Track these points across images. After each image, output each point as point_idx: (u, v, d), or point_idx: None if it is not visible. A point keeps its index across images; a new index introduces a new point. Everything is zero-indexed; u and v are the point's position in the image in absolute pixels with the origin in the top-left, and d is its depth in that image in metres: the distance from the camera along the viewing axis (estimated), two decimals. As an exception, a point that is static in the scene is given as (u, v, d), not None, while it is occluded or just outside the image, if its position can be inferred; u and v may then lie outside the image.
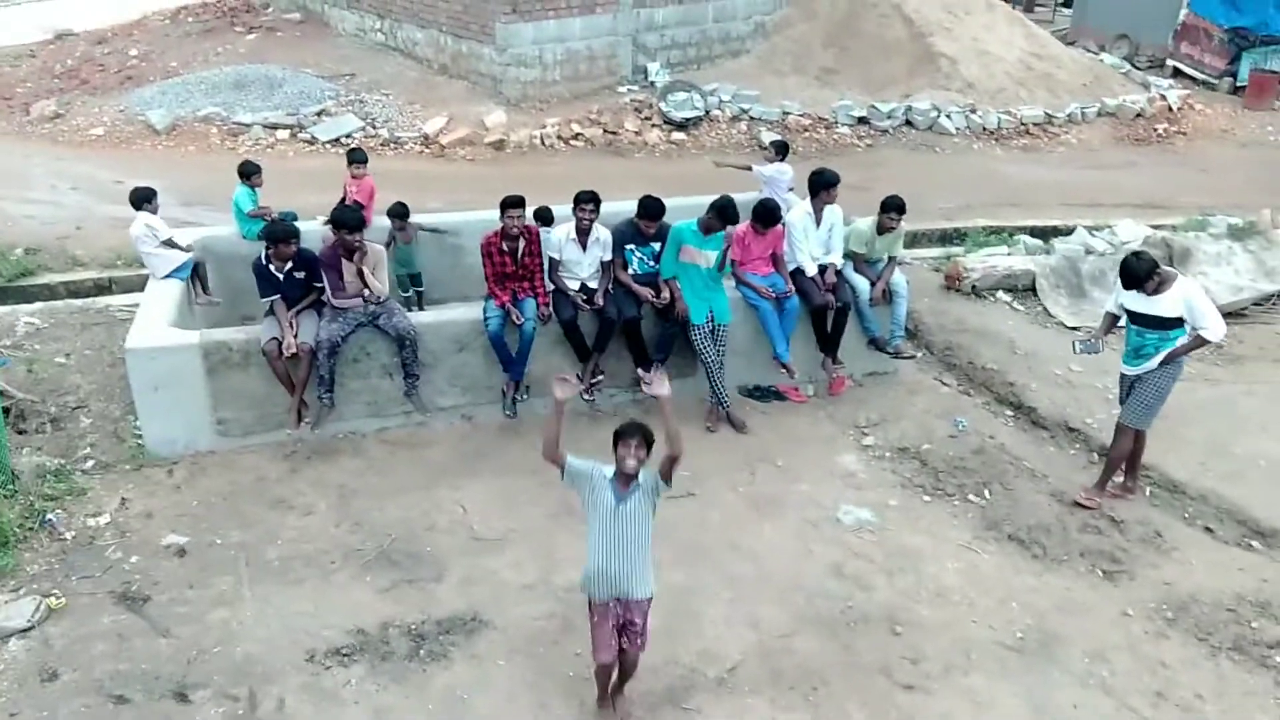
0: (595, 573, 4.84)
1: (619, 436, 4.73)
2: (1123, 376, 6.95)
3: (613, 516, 4.78)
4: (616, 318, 7.71)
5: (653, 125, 16.21)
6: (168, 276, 8.05)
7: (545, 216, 8.46)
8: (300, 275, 7.40)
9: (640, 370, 7.94)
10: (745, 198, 8.41)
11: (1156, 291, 6.53)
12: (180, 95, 16.35)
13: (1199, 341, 6.62)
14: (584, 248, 7.78)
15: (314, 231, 8.34)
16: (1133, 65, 20.52)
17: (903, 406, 8.21)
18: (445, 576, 6.20)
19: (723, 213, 7.57)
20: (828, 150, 15.66)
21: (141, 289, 8.27)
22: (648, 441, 4.71)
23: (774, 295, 7.96)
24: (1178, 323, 6.53)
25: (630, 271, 7.92)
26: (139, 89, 16.91)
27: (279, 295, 7.35)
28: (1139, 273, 6.49)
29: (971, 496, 7.08)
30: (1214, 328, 6.54)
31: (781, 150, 10.19)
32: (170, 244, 8.09)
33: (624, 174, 13.89)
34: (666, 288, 7.79)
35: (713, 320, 7.77)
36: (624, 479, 4.77)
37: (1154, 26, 21.12)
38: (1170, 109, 18.06)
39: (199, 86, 16.60)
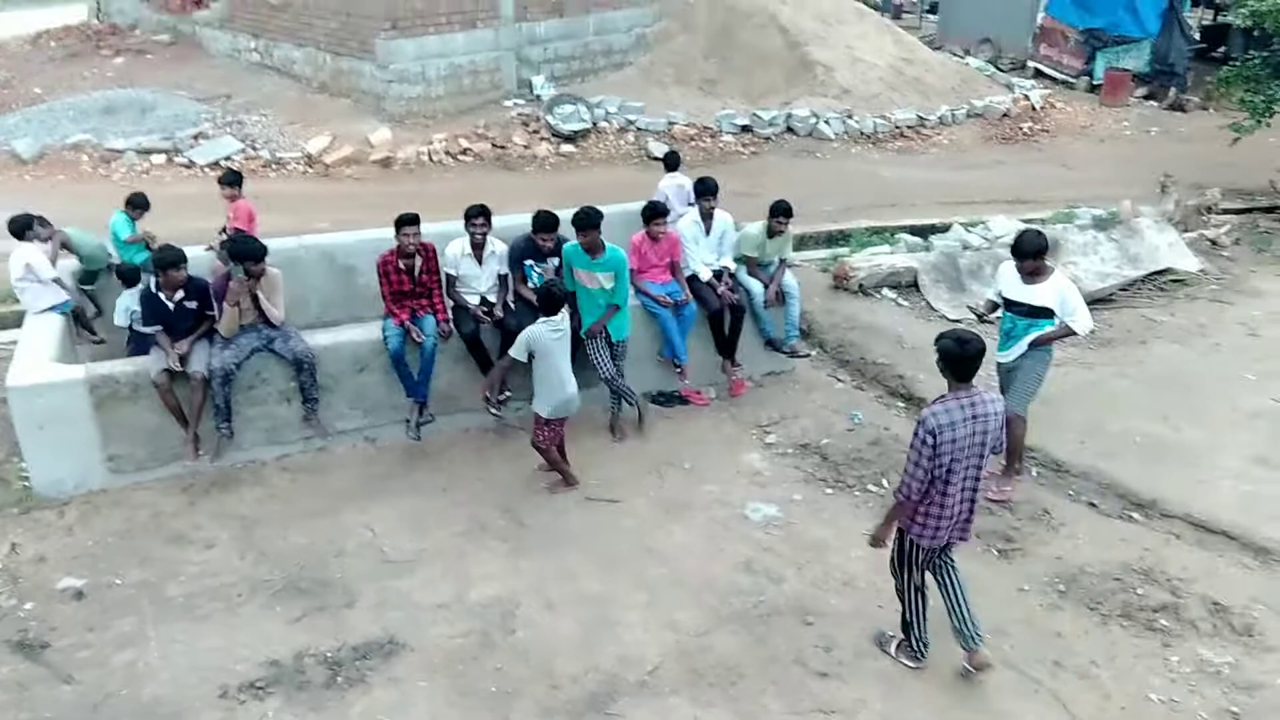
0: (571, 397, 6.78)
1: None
2: (998, 365, 7.28)
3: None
4: (518, 330, 7.71)
5: (541, 138, 16.29)
6: (46, 310, 7.74)
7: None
8: (192, 305, 7.22)
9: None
10: (635, 206, 8.54)
11: (1034, 278, 6.86)
12: (47, 123, 15.75)
13: (1066, 332, 6.94)
14: (480, 261, 7.79)
15: (200, 259, 8.13)
16: (996, 68, 21.49)
17: (801, 404, 8.44)
18: (357, 601, 6.12)
19: (577, 223, 7.51)
20: (714, 158, 15.96)
21: (18, 325, 7.94)
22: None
23: (672, 303, 8.09)
24: (1048, 313, 6.87)
25: (530, 285, 7.95)
26: (1, 117, 16.20)
27: (161, 326, 7.15)
28: (1030, 247, 6.75)
29: (871, 487, 7.32)
30: (1082, 321, 6.87)
31: (672, 164, 10.28)
32: (58, 283, 7.79)
33: (515, 188, 13.92)
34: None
35: (608, 335, 7.80)
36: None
37: (1014, 30, 22.17)
38: (1034, 108, 18.97)
39: (66, 113, 16.03)
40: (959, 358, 5.00)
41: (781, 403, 8.44)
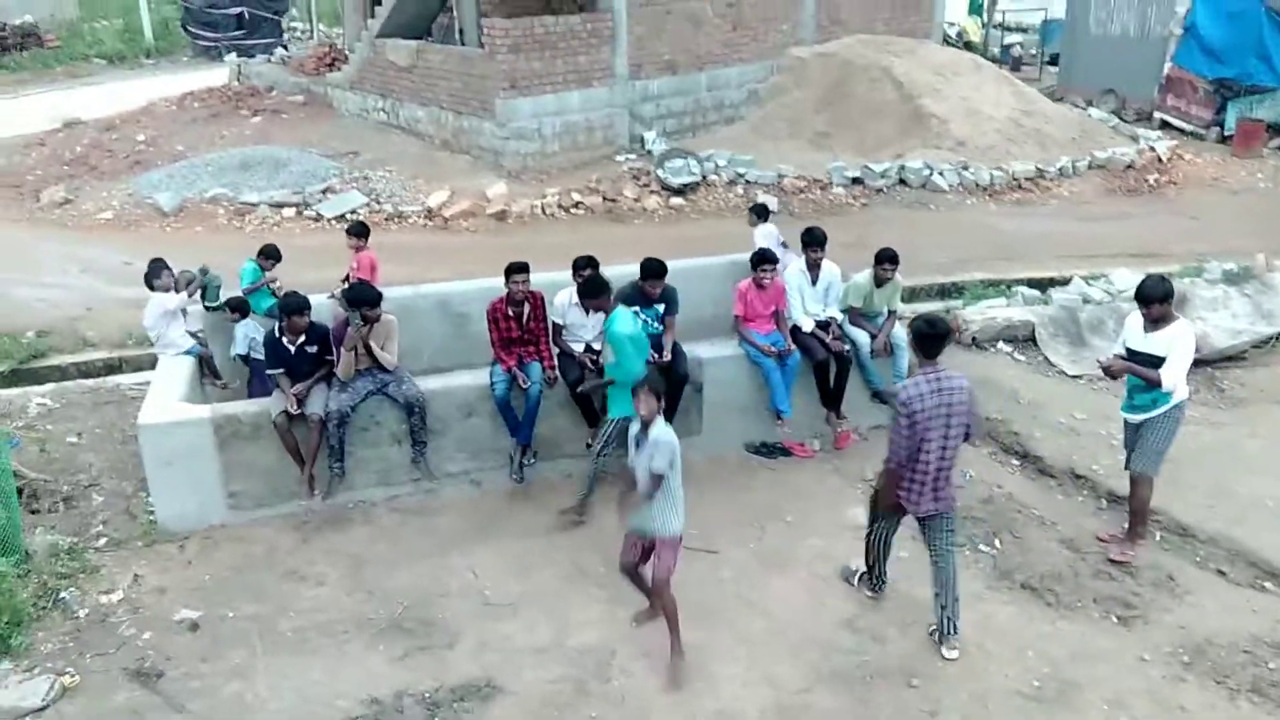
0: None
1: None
2: (1125, 423, 6.99)
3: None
4: (622, 379, 7.78)
5: (651, 192, 16.48)
6: (178, 354, 8.16)
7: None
8: (312, 349, 7.51)
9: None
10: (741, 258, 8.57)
11: (1156, 326, 6.58)
12: (187, 178, 16.69)
13: (1154, 378, 6.54)
14: (587, 311, 7.89)
15: (323, 306, 8.47)
16: (1120, 119, 20.88)
17: (909, 459, 8.23)
18: (458, 643, 6.19)
19: (584, 290, 7.42)
20: (824, 210, 15.89)
21: (152, 367, 8.38)
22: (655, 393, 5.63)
23: (776, 352, 8.04)
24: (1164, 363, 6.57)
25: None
26: (146, 173, 17.25)
27: (283, 369, 7.45)
28: (1156, 292, 6.49)
29: (982, 546, 7.08)
30: (1168, 375, 6.47)
31: (761, 214, 10.19)
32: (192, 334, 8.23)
33: (624, 239, 14.10)
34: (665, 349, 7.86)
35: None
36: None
37: (1139, 81, 21.52)
38: (1160, 159, 18.33)
39: (205, 169, 16.96)
40: (927, 336, 5.68)
41: (888, 457, 8.26)
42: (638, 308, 7.99)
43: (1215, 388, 9.43)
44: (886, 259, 8.25)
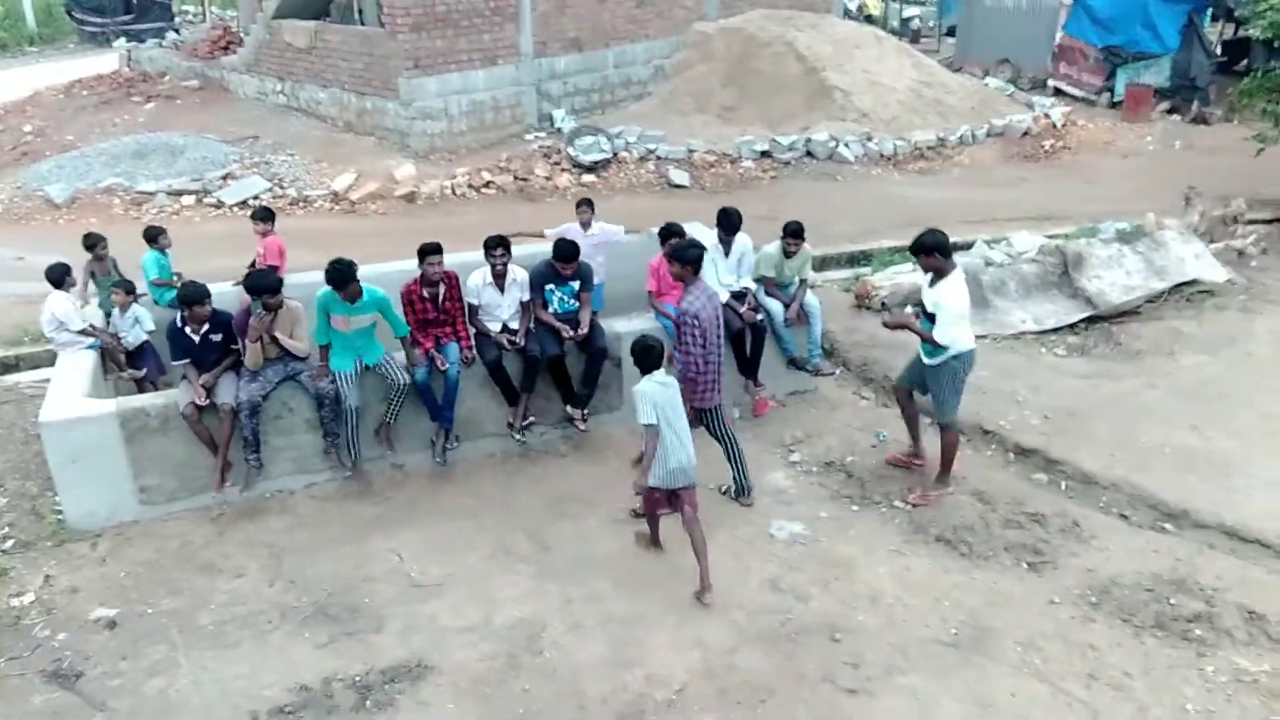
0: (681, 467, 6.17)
1: None
2: (925, 368, 7.29)
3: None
4: (540, 356, 7.79)
5: (562, 170, 16.42)
6: (80, 349, 7.89)
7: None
8: (217, 338, 7.32)
9: (567, 406, 8.04)
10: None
11: (935, 279, 6.97)
12: (79, 168, 16.08)
13: (927, 335, 6.97)
14: (502, 290, 7.86)
15: (229, 294, 8.26)
16: (1016, 88, 21.46)
17: (825, 422, 8.42)
18: (385, 626, 6.15)
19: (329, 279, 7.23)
20: (734, 184, 16.03)
21: (50, 364, 8.09)
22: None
23: (692, 323, 8.10)
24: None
25: (550, 310, 8.02)
26: (35, 164, 16.58)
27: (189, 360, 7.27)
28: (920, 243, 6.92)
29: (897, 503, 7.27)
30: (939, 333, 6.87)
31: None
32: (86, 333, 7.92)
33: (537, 218, 13.97)
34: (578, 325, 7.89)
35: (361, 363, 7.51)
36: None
37: (1033, 50, 22.15)
38: (1055, 126, 18.91)
39: (98, 158, 16.35)
40: (692, 249, 6.79)
41: (805, 421, 8.42)
42: (552, 285, 8.01)
43: (1113, 342, 9.80)
44: (791, 233, 8.37)
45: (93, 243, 8.64)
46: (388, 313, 7.51)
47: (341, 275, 7.18)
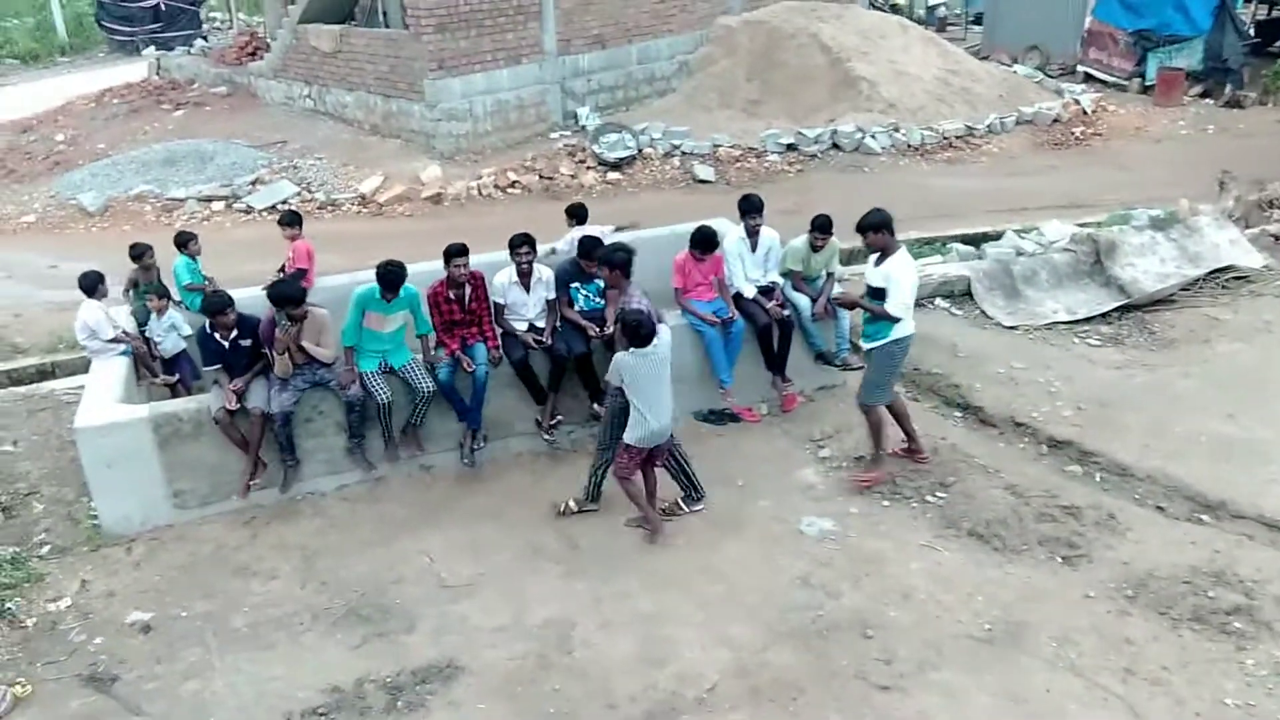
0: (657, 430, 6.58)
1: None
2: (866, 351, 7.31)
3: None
4: (567, 354, 7.79)
5: (588, 167, 16.42)
6: (113, 356, 7.98)
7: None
8: (246, 343, 7.38)
9: (595, 404, 8.03)
10: (683, 229, 8.58)
11: (880, 259, 7.00)
12: (111, 176, 16.29)
13: (880, 310, 6.97)
14: (527, 289, 7.87)
15: (258, 298, 8.31)
16: (1045, 74, 21.21)
17: (855, 417, 8.27)
18: (416, 627, 6.18)
19: (382, 280, 7.31)
20: (760, 178, 15.96)
21: (85, 371, 8.20)
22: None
23: (719, 321, 8.09)
24: (884, 294, 6.96)
25: (576, 309, 8.02)
26: (68, 173, 16.82)
27: (220, 365, 7.34)
28: (862, 222, 7.01)
29: (929, 497, 7.21)
30: (892, 308, 6.92)
31: (577, 216, 9.29)
32: (117, 340, 8.01)
33: (563, 217, 14.01)
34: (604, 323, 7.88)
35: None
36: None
37: (1062, 36, 21.87)
38: (1085, 112, 18.66)
39: (129, 166, 16.55)
40: (619, 253, 7.01)
41: (834, 416, 8.36)
42: (577, 283, 8.02)
43: (1146, 330, 9.66)
44: (818, 227, 8.32)
45: (139, 253, 8.71)
46: (417, 310, 7.59)
47: (396, 277, 7.28)
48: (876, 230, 6.97)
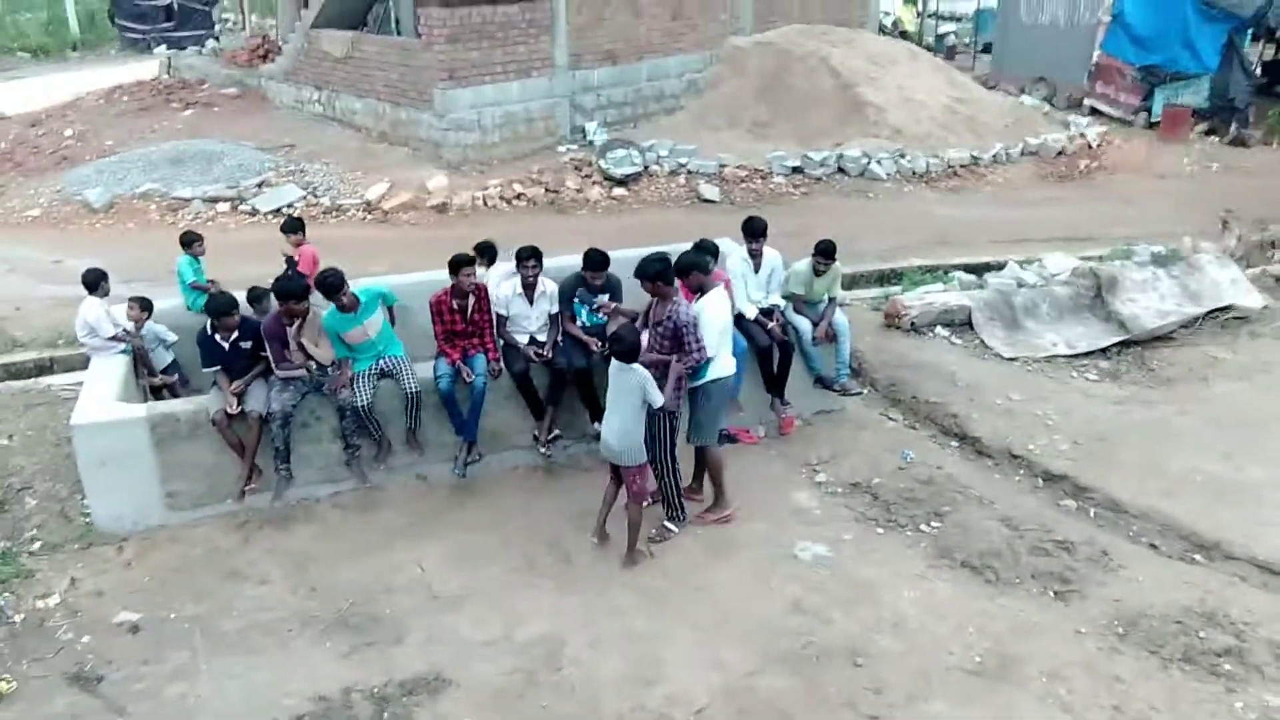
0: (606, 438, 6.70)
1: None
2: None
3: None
4: (567, 369, 7.79)
5: (593, 182, 16.47)
6: (113, 354, 7.98)
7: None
8: (246, 345, 7.39)
9: (595, 423, 8.02)
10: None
11: (699, 298, 6.97)
12: (117, 173, 16.31)
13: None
14: (531, 302, 7.88)
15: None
16: (1052, 106, 21.32)
17: (852, 442, 8.35)
18: (406, 638, 6.16)
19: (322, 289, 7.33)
20: (765, 199, 16.01)
21: (84, 367, 8.19)
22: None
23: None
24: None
25: (579, 324, 8.02)
26: (75, 169, 16.84)
27: (220, 367, 7.34)
28: (679, 266, 6.97)
29: (923, 526, 7.20)
30: (694, 353, 6.76)
31: (487, 255, 8.90)
32: (119, 338, 8.00)
33: (568, 230, 14.09)
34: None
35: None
36: None
37: (1070, 68, 21.96)
38: (1090, 146, 18.74)
39: (136, 164, 16.58)
40: (656, 263, 6.82)
41: (832, 441, 8.36)
42: (580, 298, 8.02)
43: (1145, 367, 9.68)
44: (822, 252, 8.33)
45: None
46: (386, 296, 7.79)
47: (334, 281, 7.29)
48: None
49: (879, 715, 5.52)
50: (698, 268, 7.08)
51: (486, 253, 8.61)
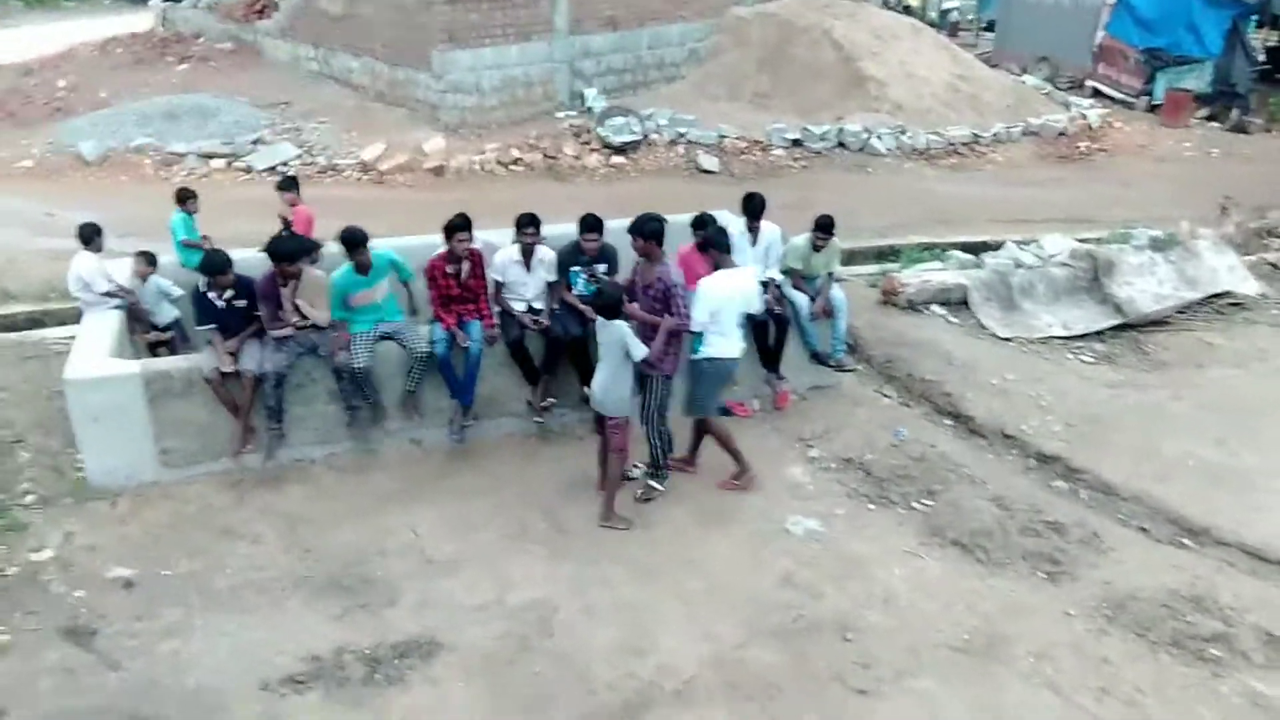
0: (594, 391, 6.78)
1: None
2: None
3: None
4: (563, 337, 7.77)
5: (591, 150, 16.37)
6: (107, 308, 7.92)
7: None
8: (241, 304, 7.34)
9: (586, 389, 8.01)
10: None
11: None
12: (111, 126, 16.16)
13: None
14: (528, 269, 7.83)
15: (251, 259, 8.26)
16: (1054, 86, 21.23)
17: (846, 418, 8.37)
18: (399, 600, 6.17)
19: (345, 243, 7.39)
20: (764, 171, 15.95)
21: (76, 321, 8.13)
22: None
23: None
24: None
25: (575, 292, 7.98)
26: (68, 120, 16.68)
27: (215, 325, 7.30)
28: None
29: (915, 504, 7.23)
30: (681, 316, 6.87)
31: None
32: (111, 294, 7.94)
33: (564, 197, 13.99)
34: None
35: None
36: None
37: (1073, 49, 21.88)
38: (1091, 127, 18.71)
39: (130, 117, 16.42)
40: (651, 223, 6.93)
41: (826, 417, 8.38)
42: (577, 266, 7.97)
43: (1140, 351, 9.71)
44: (821, 227, 8.31)
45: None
46: (401, 269, 7.74)
47: (358, 236, 7.33)
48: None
49: (867, 689, 5.56)
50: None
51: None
